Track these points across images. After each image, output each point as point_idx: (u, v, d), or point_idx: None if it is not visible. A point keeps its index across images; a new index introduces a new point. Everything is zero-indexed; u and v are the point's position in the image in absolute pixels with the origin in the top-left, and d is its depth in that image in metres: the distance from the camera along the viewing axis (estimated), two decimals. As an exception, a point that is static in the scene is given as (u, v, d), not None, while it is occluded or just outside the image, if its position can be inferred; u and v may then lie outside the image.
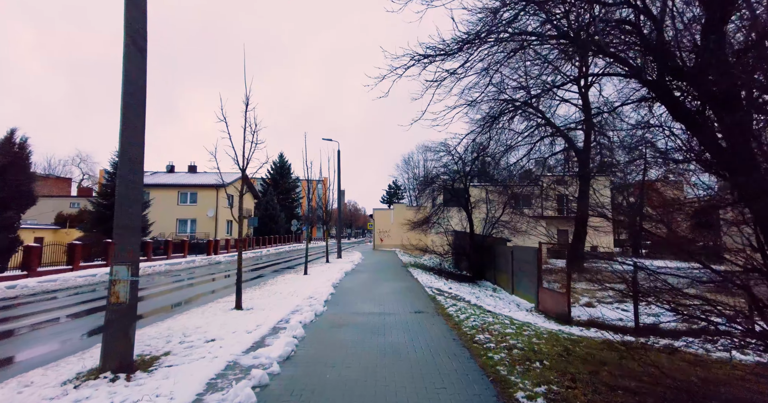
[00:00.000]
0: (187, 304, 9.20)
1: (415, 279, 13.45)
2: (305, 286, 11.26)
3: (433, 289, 11.29)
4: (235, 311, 7.65)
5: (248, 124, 8.16)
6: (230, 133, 8.06)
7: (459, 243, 18.59)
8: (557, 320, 9.39)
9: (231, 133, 8.07)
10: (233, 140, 8.12)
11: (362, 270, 16.57)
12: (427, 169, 19.84)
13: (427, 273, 16.15)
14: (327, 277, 13.39)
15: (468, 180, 16.68)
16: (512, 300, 12.37)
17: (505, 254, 14.41)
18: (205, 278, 15.05)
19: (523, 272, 12.54)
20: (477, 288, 14.39)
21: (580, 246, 20.96)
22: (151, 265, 20.13)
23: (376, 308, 8.14)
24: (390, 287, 11.45)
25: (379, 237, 38.96)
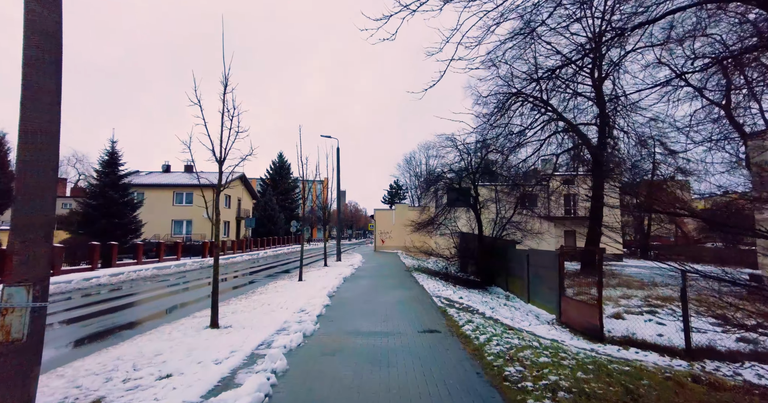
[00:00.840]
0: (157, 319, 7.95)
1: (421, 286, 12.21)
2: (298, 295, 10.03)
3: (442, 298, 10.04)
4: (210, 330, 6.41)
5: (226, 108, 6.94)
6: (205, 119, 6.85)
7: (466, 246, 17.33)
8: (586, 336, 8.14)
9: (207, 120, 6.87)
10: (209, 128, 6.93)
11: (362, 275, 15.33)
12: (430, 168, 18.69)
13: (432, 278, 14.89)
14: (323, 284, 12.16)
15: (477, 177, 15.42)
16: (529, 310, 11.11)
17: (519, 259, 13.15)
18: (191, 284, 13.83)
19: (540, 279, 11.29)
20: (488, 296, 13.13)
21: (594, 248, 19.69)
22: (138, 269, 18.91)
23: (378, 325, 6.90)
24: (393, 296, 10.20)
25: (380, 238, 37.72)
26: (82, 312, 8.69)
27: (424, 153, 57.26)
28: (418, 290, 11.33)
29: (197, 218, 37.87)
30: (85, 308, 9.26)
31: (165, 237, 35.76)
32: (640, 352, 6.75)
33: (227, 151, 7.07)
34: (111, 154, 24.91)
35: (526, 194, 16.51)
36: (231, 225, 41.55)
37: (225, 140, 6.94)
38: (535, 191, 17.83)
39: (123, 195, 25.28)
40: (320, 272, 16.15)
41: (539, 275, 11.39)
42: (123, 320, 7.79)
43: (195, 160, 6.95)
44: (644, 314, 10.12)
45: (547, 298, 10.78)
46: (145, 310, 8.97)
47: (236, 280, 15.25)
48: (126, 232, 24.77)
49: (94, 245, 19.59)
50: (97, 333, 6.71)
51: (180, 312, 8.59)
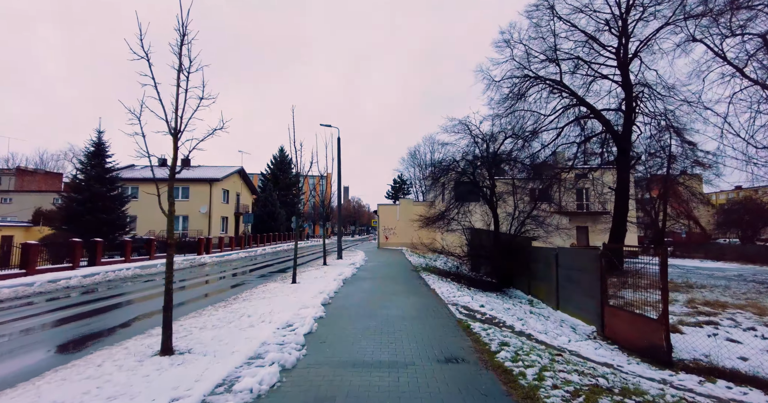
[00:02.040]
0: (99, 339, 6.22)
1: (432, 290, 10.55)
2: (288, 303, 8.40)
3: (459, 307, 8.38)
4: (159, 357, 4.78)
5: (183, 68, 5.27)
6: (155, 78, 5.18)
7: (479, 243, 15.63)
8: (643, 357, 6.47)
9: (158, 80, 5.20)
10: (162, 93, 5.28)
11: (365, 276, 13.69)
12: (435, 160, 16.94)
13: (443, 280, 13.23)
14: (319, 287, 10.53)
15: (493, 167, 13.70)
16: (560, 319, 9.43)
17: (544, 259, 11.46)
18: (171, 287, 12.24)
19: (574, 283, 9.59)
20: (509, 301, 11.46)
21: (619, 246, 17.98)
22: (123, 268, 17.41)
23: (384, 349, 5.25)
24: (401, 304, 8.54)
25: (383, 235, 36.09)
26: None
27: (429, 146, 55.46)
28: (430, 296, 9.67)
29: (194, 213, 36.45)
30: (12, 322, 7.63)
31: (160, 233, 34.36)
32: (733, 387, 5.07)
33: (186, 121, 5.39)
34: (97, 145, 23.35)
35: (547, 186, 14.76)
36: (229, 221, 40.06)
37: (182, 106, 5.27)
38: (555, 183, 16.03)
39: (111, 189, 23.74)
40: (318, 272, 14.53)
41: (572, 278, 9.69)
42: (50, 343, 6.08)
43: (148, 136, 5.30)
44: (703, 325, 8.42)
45: (582, 306, 9.10)
46: (91, 324, 7.30)
47: (223, 282, 13.66)
48: (114, 228, 23.27)
49: (74, 241, 18.08)
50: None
51: (135, 327, 6.95)
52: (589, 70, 18.71)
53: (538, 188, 14.35)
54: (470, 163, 14.52)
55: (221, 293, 10.85)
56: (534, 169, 14.45)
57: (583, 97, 18.59)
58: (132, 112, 5.26)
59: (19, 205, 37.55)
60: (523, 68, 19.84)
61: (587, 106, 18.78)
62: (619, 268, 8.76)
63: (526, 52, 19.60)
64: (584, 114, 19.03)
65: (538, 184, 14.48)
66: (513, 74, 20.01)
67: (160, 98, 5.14)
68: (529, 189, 15.09)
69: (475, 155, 14.05)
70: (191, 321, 6.87)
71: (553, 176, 18.08)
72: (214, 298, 9.85)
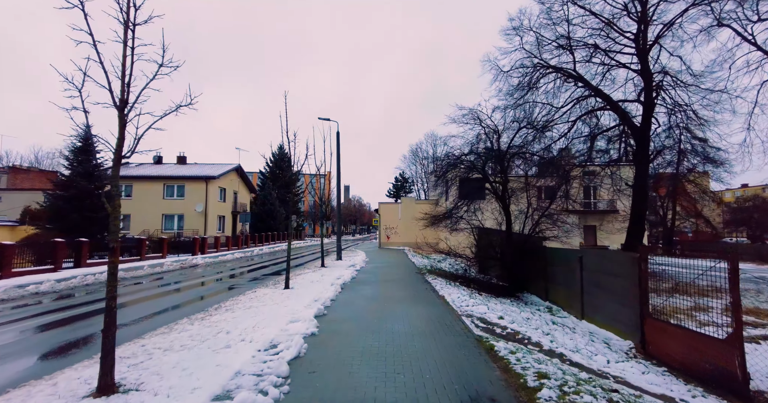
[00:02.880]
0: (28, 367, 4.97)
1: (441, 297, 9.38)
2: (276, 314, 7.24)
3: (475, 319, 7.22)
4: (91, 401, 3.62)
5: (129, 20, 4.07)
6: (95, 37, 4.00)
7: (489, 243, 14.47)
8: (708, 386, 5.31)
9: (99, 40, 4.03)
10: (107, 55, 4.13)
11: (365, 280, 12.54)
12: (442, 153, 15.70)
13: (452, 284, 12.07)
14: (315, 294, 9.38)
15: (507, 161, 12.52)
16: (588, 332, 8.27)
17: (565, 261, 10.29)
18: (148, 293, 11.11)
19: (603, 290, 8.43)
20: (526, 308, 10.30)
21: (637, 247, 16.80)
22: (96, 271, 16.32)
23: (389, 385, 4.07)
24: (407, 316, 7.38)
25: (385, 234, 34.94)
26: None
27: (431, 143, 54.26)
28: (439, 304, 8.50)
29: (190, 212, 35.36)
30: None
31: (155, 233, 33.30)
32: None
33: (138, 92, 4.21)
34: (84, 140, 22.17)
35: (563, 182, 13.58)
36: (226, 220, 38.95)
37: (129, 71, 4.08)
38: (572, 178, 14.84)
39: (99, 186, 22.58)
40: (315, 276, 13.38)
41: (601, 284, 8.53)
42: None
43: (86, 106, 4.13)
44: (760, 341, 7.25)
45: (615, 316, 7.94)
46: (31, 344, 5.94)
47: (210, 286, 12.50)
48: (103, 227, 22.10)
49: (56, 242, 16.96)
50: None
51: (85, 349, 5.74)
52: (606, 58, 17.47)
53: (554, 184, 13.18)
54: (480, 156, 13.34)
55: (204, 300, 9.71)
56: (551, 164, 13.27)
57: (598, 87, 17.36)
58: (69, 81, 4.09)
59: (8, 203, 36.41)
60: (533, 57, 18.63)
61: (603, 97, 17.56)
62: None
63: (536, 40, 18.39)
64: (599, 106, 17.83)
65: (555, 179, 13.30)
66: (522, 64, 18.80)
67: (101, 60, 3.96)
68: (543, 186, 13.92)
69: (487, 148, 12.86)
70: (157, 339, 5.71)
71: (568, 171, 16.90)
72: (195, 306, 8.69)
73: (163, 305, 9.04)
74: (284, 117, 10.43)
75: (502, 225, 13.55)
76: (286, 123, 10.46)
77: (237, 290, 11.00)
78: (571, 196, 14.03)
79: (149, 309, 8.52)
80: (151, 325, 6.90)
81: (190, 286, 12.37)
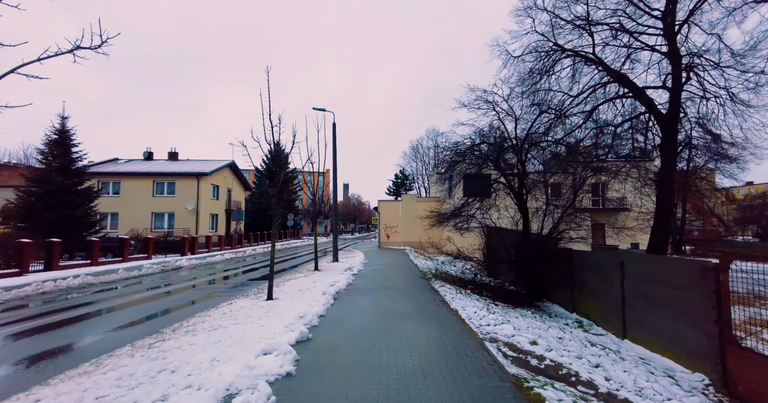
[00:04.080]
0: None
1: (454, 311, 7.76)
2: (247, 340, 5.64)
3: (502, 345, 5.61)
4: None
5: None
6: None
7: (502, 245, 12.85)
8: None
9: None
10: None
11: (363, 287, 10.93)
12: (446, 144, 13.88)
13: (463, 293, 10.44)
14: (301, 307, 7.78)
15: (525, 151, 10.91)
16: (636, 355, 6.66)
17: (598, 267, 8.68)
18: (102, 306, 9.50)
19: (654, 304, 6.83)
20: (551, 322, 8.69)
21: (663, 248, 15.23)
22: (83, 272, 14.82)
23: None
24: (415, 342, 5.77)
25: (385, 233, 33.32)
26: None
27: (432, 140, 52.57)
28: (453, 321, 6.88)
29: (181, 210, 33.78)
30: None
31: (144, 232, 31.72)
32: None
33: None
34: (61, 132, 20.51)
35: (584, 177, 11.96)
36: (220, 218, 37.34)
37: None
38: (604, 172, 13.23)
39: (76, 182, 20.94)
40: (306, 281, 11.77)
41: (651, 296, 6.92)
42: None
43: None
44: None
45: (673, 337, 6.33)
46: None
47: (181, 296, 10.86)
48: (80, 226, 20.47)
49: (22, 243, 15.36)
50: None
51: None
52: (629, 40, 15.82)
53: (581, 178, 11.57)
54: (493, 146, 11.70)
55: (168, 315, 8.09)
56: (578, 154, 11.66)
57: (621, 72, 15.71)
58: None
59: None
60: (546, 41, 16.97)
61: (625, 84, 15.88)
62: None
63: (550, 21, 16.70)
64: (621, 93, 16.18)
65: (581, 173, 11.69)
66: (535, 48, 17.15)
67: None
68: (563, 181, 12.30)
69: (501, 137, 11.22)
70: (66, 387, 4.09)
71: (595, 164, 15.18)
72: (150, 325, 7.07)
73: (111, 323, 7.40)
74: (265, 96, 8.78)
75: (518, 224, 11.95)
76: (269, 103, 8.82)
77: (211, 301, 9.37)
78: (600, 192, 12.36)
79: (87, 331, 6.89)
80: (76, 356, 5.29)
81: (159, 295, 10.75)
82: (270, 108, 8.90)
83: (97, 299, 9.95)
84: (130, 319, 7.66)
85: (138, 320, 7.55)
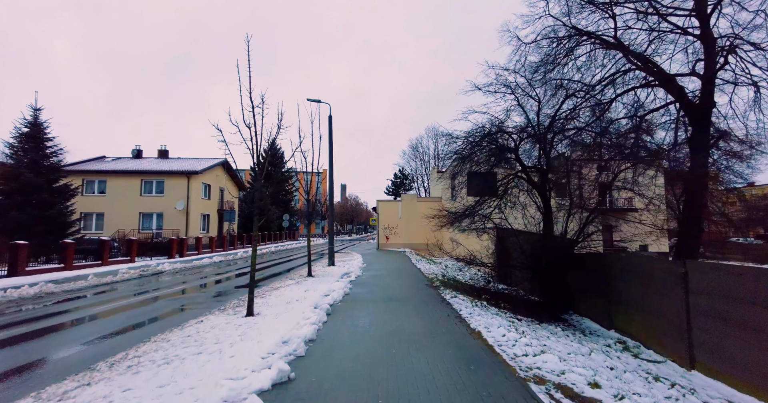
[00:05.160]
0: None
1: (476, 334, 6.23)
2: (206, 380, 4.09)
3: (552, 389, 4.09)
4: None
5: None
6: None
7: (515, 247, 11.33)
8: None
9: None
10: None
11: (362, 298, 9.38)
12: (456, 134, 12.25)
13: (479, 305, 8.88)
14: (285, 328, 6.23)
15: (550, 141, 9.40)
16: (723, 397, 5.14)
17: (651, 278, 7.15)
18: (40, 325, 7.92)
19: (736, 327, 5.32)
20: (591, 343, 7.16)
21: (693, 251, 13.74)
22: (52, 278, 13.27)
23: None
24: (433, 385, 4.23)
25: (384, 235, 31.76)
26: None
27: (432, 138, 51.10)
28: (479, 350, 5.34)
29: (169, 210, 32.13)
30: None
31: (131, 233, 30.10)
32: None
33: None
34: (33, 125, 18.88)
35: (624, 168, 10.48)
36: (211, 219, 35.72)
37: None
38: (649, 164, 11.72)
39: (51, 180, 19.31)
40: (296, 290, 10.21)
41: (732, 318, 5.41)
42: None
43: None
44: None
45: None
46: None
47: (149, 308, 9.27)
48: (55, 227, 18.84)
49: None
50: None
51: None
52: (657, 22, 14.35)
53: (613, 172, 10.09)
54: (511, 135, 10.17)
55: (115, 338, 6.48)
56: (615, 147, 10.19)
57: (646, 57, 14.24)
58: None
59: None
60: (561, 25, 15.50)
61: (650, 71, 14.43)
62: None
63: (566, 3, 15.26)
64: (646, 81, 14.70)
65: (617, 165, 10.21)
66: (549, 33, 15.67)
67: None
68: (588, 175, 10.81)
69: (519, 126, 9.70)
70: None
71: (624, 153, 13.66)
72: (82, 356, 5.45)
73: (35, 351, 5.77)
74: (244, 68, 7.22)
75: (539, 225, 10.43)
76: (249, 78, 7.26)
77: (180, 317, 7.80)
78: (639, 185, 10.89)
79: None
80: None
81: (120, 308, 9.14)
82: (251, 85, 7.33)
83: (40, 314, 8.35)
84: (65, 344, 6.06)
85: (73, 346, 5.95)
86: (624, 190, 11.14)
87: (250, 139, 7.31)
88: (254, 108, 7.44)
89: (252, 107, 7.45)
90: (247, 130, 7.34)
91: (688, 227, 14.01)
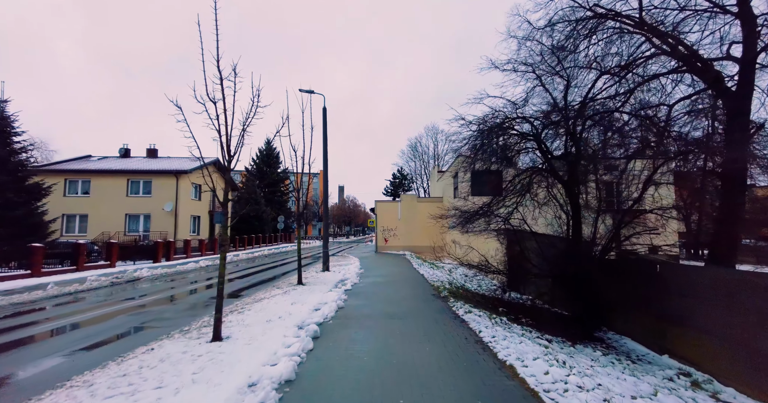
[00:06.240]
0: None
1: (508, 368, 4.72)
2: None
3: None
4: None
5: None
6: None
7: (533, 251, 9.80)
8: None
9: None
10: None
11: (359, 313, 7.83)
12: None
13: (500, 323, 7.38)
14: (260, 359, 4.70)
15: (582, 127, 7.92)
16: None
17: (733, 296, 5.65)
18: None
19: None
20: (649, 376, 5.64)
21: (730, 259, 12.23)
22: (16, 286, 11.67)
23: None
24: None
25: (383, 237, 30.23)
26: None
27: (432, 137, 49.67)
28: (520, 401, 3.84)
29: (157, 211, 30.50)
30: None
31: (116, 235, 28.49)
32: None
33: None
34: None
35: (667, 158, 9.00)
36: (202, 220, 34.13)
37: None
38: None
39: (22, 177, 17.71)
40: (281, 303, 8.66)
41: None
42: None
43: None
44: None
45: None
46: None
47: (98, 327, 7.68)
48: (22, 229, 17.21)
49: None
50: None
51: None
52: (689, 0, 12.88)
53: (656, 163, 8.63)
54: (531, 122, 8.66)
55: (27, 374, 4.94)
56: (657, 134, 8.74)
57: (675, 36, 12.77)
58: None
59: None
60: (578, 7, 14.05)
61: (680, 56, 12.97)
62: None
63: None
64: (676, 67, 13.24)
65: (661, 155, 8.76)
66: (564, 16, 14.21)
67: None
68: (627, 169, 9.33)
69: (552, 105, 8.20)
70: None
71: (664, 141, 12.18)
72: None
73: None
74: (212, 30, 5.68)
75: (563, 226, 8.92)
76: (216, 41, 5.72)
77: (129, 342, 6.22)
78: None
79: None
80: None
81: (63, 328, 7.54)
82: (218, 51, 5.80)
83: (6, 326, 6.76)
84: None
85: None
86: (662, 186, 9.59)
87: (216, 117, 5.77)
88: (222, 80, 5.90)
89: (220, 79, 5.91)
90: (213, 107, 5.80)
91: (723, 231, 12.51)
